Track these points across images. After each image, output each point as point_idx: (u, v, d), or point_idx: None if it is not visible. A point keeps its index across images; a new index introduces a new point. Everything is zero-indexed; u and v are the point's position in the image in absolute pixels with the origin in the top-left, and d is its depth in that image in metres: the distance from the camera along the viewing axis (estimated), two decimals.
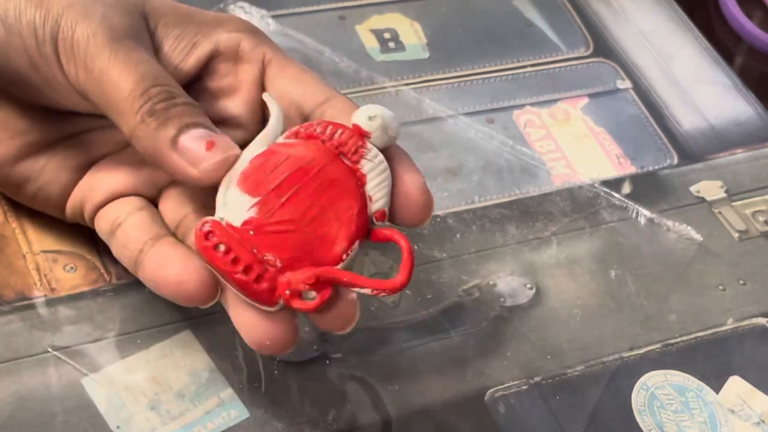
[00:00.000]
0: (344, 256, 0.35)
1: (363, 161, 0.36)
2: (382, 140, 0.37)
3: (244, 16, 0.57)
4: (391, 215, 0.37)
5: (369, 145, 0.37)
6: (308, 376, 0.43)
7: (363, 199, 0.36)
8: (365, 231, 0.36)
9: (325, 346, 0.44)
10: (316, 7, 0.61)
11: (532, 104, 0.58)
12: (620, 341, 0.47)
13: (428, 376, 0.44)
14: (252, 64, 0.40)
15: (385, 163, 0.37)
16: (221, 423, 0.41)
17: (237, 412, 0.41)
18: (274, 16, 0.58)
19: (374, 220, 0.36)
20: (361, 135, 0.37)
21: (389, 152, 0.38)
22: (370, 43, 0.59)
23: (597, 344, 0.47)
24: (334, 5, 0.61)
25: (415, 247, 0.49)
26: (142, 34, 0.38)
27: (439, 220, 0.51)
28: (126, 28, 0.36)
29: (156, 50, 0.39)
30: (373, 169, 0.37)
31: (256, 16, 0.58)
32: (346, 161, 0.36)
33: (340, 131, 0.37)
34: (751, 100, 0.61)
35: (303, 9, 0.60)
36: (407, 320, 0.46)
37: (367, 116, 0.37)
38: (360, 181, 0.36)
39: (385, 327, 0.46)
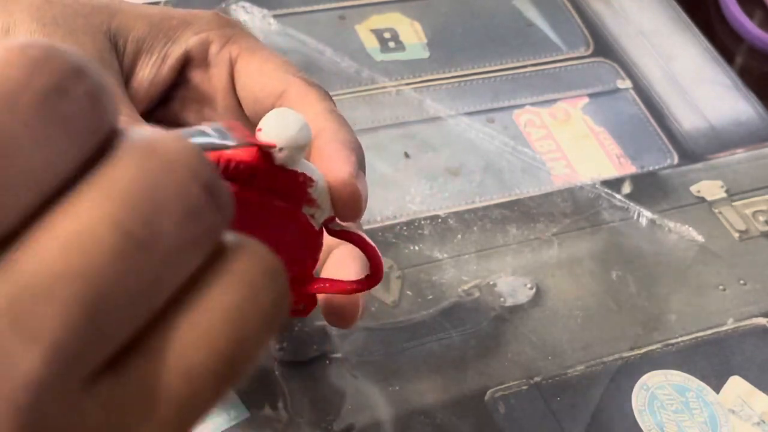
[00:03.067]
0: (314, 270, 0.36)
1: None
2: (298, 157, 0.31)
3: (245, 16, 0.57)
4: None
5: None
6: (308, 376, 0.43)
7: (307, 222, 0.33)
8: (321, 243, 0.35)
9: (325, 346, 0.44)
10: (316, 7, 0.61)
11: (532, 104, 0.58)
12: (620, 341, 0.47)
13: (428, 376, 0.44)
14: (220, 68, 0.39)
15: (317, 171, 0.33)
16: (221, 423, 0.41)
17: (237, 412, 0.41)
18: (275, 16, 0.58)
19: (328, 226, 0.35)
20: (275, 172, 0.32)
21: (312, 152, 0.35)
22: (370, 43, 0.59)
23: (597, 344, 0.47)
24: (334, 5, 0.61)
25: (417, 248, 0.49)
26: (105, 58, 0.37)
27: (440, 220, 0.51)
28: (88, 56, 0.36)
29: (129, 67, 0.38)
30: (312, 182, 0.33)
31: (257, 16, 0.58)
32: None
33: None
34: (751, 100, 0.61)
35: (303, 9, 0.60)
36: (407, 320, 0.46)
37: (277, 149, 0.31)
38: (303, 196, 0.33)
39: (385, 327, 0.46)
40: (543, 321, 0.47)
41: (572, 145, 0.56)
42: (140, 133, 0.17)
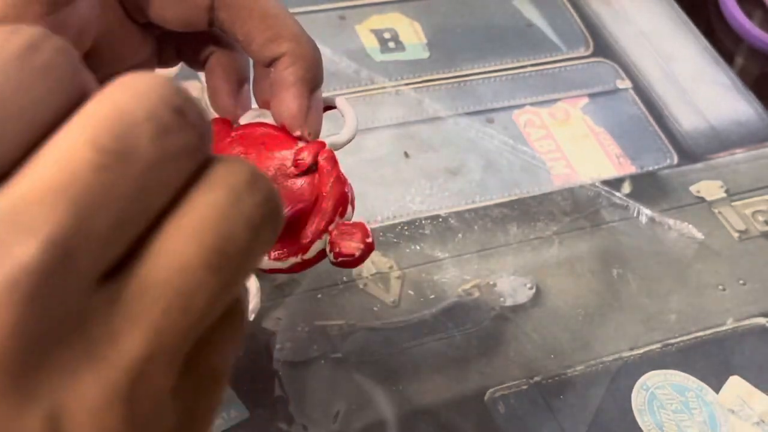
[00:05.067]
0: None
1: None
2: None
3: None
4: None
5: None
6: (308, 376, 0.43)
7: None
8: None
9: (325, 346, 0.44)
10: (316, 7, 0.61)
11: (532, 104, 0.58)
12: (621, 341, 0.47)
13: (428, 376, 0.44)
14: None
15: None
16: (221, 423, 0.41)
17: (237, 412, 0.41)
18: None
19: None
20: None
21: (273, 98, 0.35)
22: (370, 43, 0.59)
23: (597, 344, 0.47)
24: (334, 5, 0.61)
25: (418, 247, 0.49)
26: None
27: (440, 220, 0.51)
28: None
29: None
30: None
31: None
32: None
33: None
34: (751, 100, 0.61)
35: (303, 9, 0.60)
36: (408, 320, 0.46)
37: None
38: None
39: (385, 327, 0.46)
40: (543, 320, 0.47)
41: (572, 145, 0.56)
42: (117, 80, 0.19)
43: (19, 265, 0.16)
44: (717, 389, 0.46)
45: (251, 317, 0.36)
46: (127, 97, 0.18)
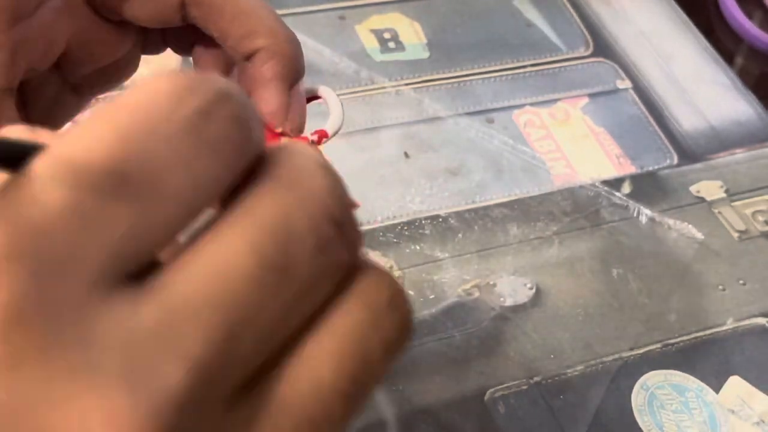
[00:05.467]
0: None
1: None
2: None
3: None
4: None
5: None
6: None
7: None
8: None
9: None
10: (316, 7, 0.61)
11: (532, 104, 0.58)
12: (621, 341, 0.47)
13: (429, 376, 0.44)
14: None
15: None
16: None
17: None
18: None
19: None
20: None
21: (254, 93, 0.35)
22: (370, 43, 0.59)
23: (597, 344, 0.47)
24: (334, 5, 0.61)
25: (418, 247, 0.49)
26: None
27: (440, 220, 0.51)
28: None
29: None
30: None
31: None
32: None
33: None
34: (751, 100, 0.61)
35: (303, 9, 0.60)
36: None
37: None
38: None
39: None
40: (543, 320, 0.47)
41: (572, 145, 0.56)
42: (284, 159, 0.17)
43: (163, 391, 0.15)
44: (717, 389, 0.46)
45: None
46: (296, 198, 0.17)
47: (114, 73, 0.36)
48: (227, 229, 0.16)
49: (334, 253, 0.17)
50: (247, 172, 0.17)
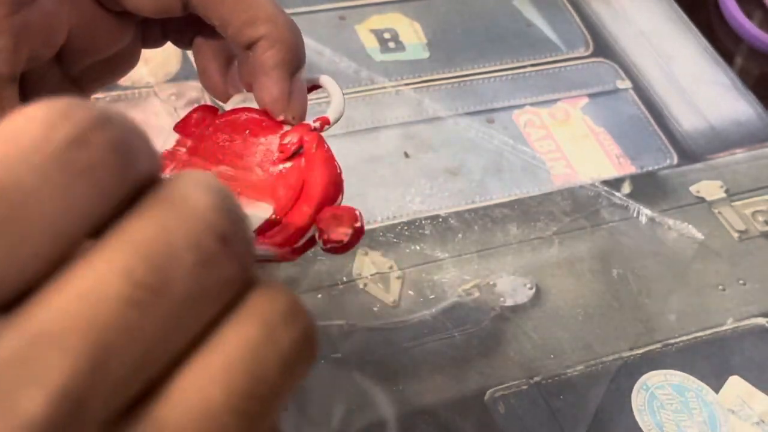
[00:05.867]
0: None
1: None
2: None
3: None
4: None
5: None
6: (308, 376, 0.43)
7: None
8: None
9: (325, 346, 0.44)
10: (316, 7, 0.61)
11: (532, 104, 0.58)
12: (621, 341, 0.47)
13: (428, 376, 0.44)
14: None
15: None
16: None
17: None
18: None
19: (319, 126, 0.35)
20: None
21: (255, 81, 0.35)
22: (370, 43, 0.59)
23: (597, 344, 0.47)
24: (334, 5, 0.61)
25: (418, 247, 0.49)
26: None
27: (440, 220, 0.51)
28: None
29: None
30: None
31: None
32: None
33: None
34: (751, 100, 0.61)
35: (303, 9, 0.60)
36: (408, 320, 0.46)
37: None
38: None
39: (385, 327, 0.46)
40: (543, 320, 0.47)
41: (572, 145, 0.56)
42: (168, 183, 0.17)
43: (23, 421, 0.14)
44: (717, 389, 0.46)
45: None
46: (172, 218, 0.16)
47: (114, 66, 0.36)
48: (99, 254, 0.16)
49: (219, 269, 0.16)
50: (130, 199, 0.16)
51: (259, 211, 0.32)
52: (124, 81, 0.53)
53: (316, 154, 0.33)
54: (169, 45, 0.37)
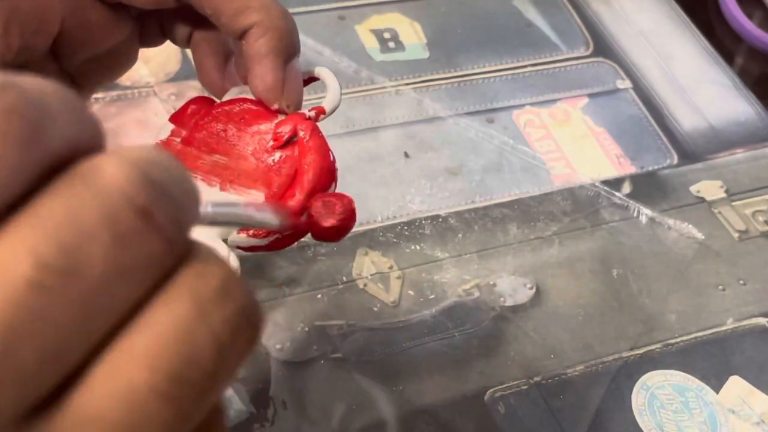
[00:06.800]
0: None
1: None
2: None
3: None
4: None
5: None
6: (308, 376, 0.43)
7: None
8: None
9: (325, 346, 0.44)
10: (316, 7, 0.61)
11: (532, 104, 0.58)
12: (621, 341, 0.47)
13: (429, 376, 0.44)
14: None
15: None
16: None
17: (236, 412, 0.41)
18: None
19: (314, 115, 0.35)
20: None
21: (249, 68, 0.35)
22: (370, 43, 0.59)
23: (598, 344, 0.47)
24: (334, 5, 0.61)
25: (418, 247, 0.49)
26: None
27: (440, 220, 0.51)
28: None
29: None
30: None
31: None
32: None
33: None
34: (751, 100, 0.61)
35: (303, 9, 0.60)
36: (408, 320, 0.46)
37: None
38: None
39: (385, 327, 0.46)
40: (543, 320, 0.47)
41: (572, 145, 0.56)
42: (90, 159, 0.16)
43: None
44: (717, 389, 0.46)
45: None
46: (86, 192, 0.15)
47: (112, 63, 0.36)
48: (4, 238, 0.14)
49: (140, 246, 0.15)
50: (43, 178, 0.15)
51: (251, 199, 0.32)
52: (124, 81, 0.53)
53: (309, 142, 0.33)
54: (168, 45, 0.37)
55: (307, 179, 0.32)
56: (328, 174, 0.33)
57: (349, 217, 0.32)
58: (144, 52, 0.38)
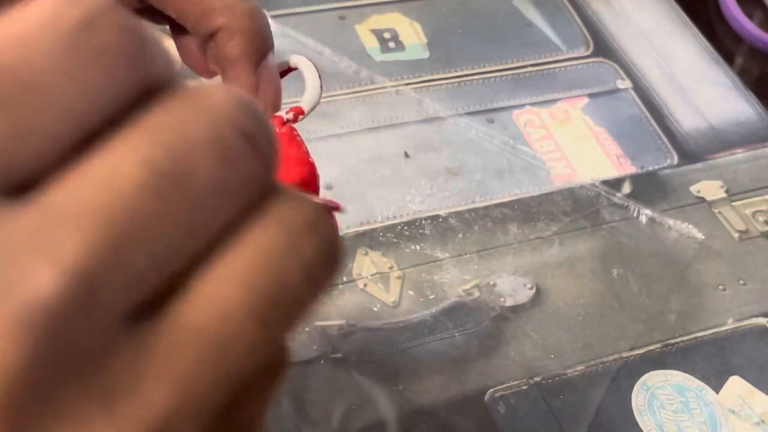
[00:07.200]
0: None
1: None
2: None
3: None
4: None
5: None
6: (308, 376, 0.43)
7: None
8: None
9: (325, 346, 0.44)
10: (316, 7, 0.61)
11: (532, 104, 0.58)
12: (621, 341, 0.47)
13: (429, 376, 0.44)
14: None
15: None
16: None
17: None
18: (274, 16, 0.58)
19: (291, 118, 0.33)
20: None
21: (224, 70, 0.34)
22: (370, 43, 0.59)
23: (598, 344, 0.47)
24: (334, 5, 0.61)
25: (418, 247, 0.49)
26: None
27: (440, 220, 0.51)
28: None
29: None
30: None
31: None
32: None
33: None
34: (751, 100, 0.61)
35: (303, 9, 0.60)
36: (408, 320, 0.46)
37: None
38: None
39: (385, 327, 0.46)
40: (543, 320, 0.47)
41: (572, 145, 0.56)
42: (192, 85, 0.16)
43: (34, 296, 0.14)
44: (717, 389, 0.46)
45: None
46: (194, 110, 0.16)
47: None
48: (117, 143, 0.15)
49: (242, 165, 0.16)
50: (146, 93, 0.16)
51: None
52: None
53: (287, 152, 0.31)
54: (169, 44, 0.37)
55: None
56: (309, 185, 0.31)
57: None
58: None
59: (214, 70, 0.34)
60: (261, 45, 0.32)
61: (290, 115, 0.32)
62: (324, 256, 0.17)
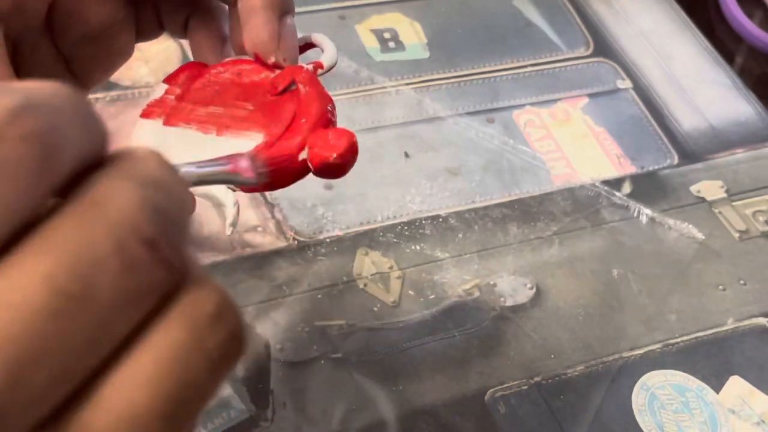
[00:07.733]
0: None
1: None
2: None
3: None
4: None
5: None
6: (308, 376, 0.43)
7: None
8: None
9: (325, 346, 0.44)
10: (316, 7, 0.61)
11: (532, 104, 0.58)
12: (621, 341, 0.47)
13: (429, 376, 0.44)
14: None
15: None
16: (221, 423, 0.41)
17: (236, 412, 0.41)
18: None
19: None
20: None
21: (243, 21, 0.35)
22: (370, 43, 0.59)
23: (598, 344, 0.47)
24: (334, 5, 0.61)
25: (418, 247, 0.49)
26: None
27: (440, 220, 0.51)
28: None
29: None
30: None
31: None
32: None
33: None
34: (751, 100, 0.61)
35: (303, 9, 0.60)
36: (408, 320, 0.46)
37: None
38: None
39: (385, 327, 0.46)
40: (543, 320, 0.47)
41: (572, 145, 0.56)
42: (100, 177, 0.16)
43: None
44: (717, 389, 0.46)
45: (229, 231, 0.33)
46: (96, 220, 0.16)
47: (106, 49, 0.35)
48: (18, 260, 0.15)
49: (145, 273, 0.16)
50: (59, 193, 0.16)
51: (248, 140, 0.32)
52: (123, 81, 0.53)
53: (307, 88, 0.33)
54: (168, 45, 0.37)
55: (308, 117, 0.32)
56: (328, 114, 0.33)
57: (349, 149, 0.32)
58: (144, 52, 0.38)
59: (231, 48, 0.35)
60: (283, 2, 0.33)
61: (310, 67, 0.34)
62: (228, 346, 0.17)
